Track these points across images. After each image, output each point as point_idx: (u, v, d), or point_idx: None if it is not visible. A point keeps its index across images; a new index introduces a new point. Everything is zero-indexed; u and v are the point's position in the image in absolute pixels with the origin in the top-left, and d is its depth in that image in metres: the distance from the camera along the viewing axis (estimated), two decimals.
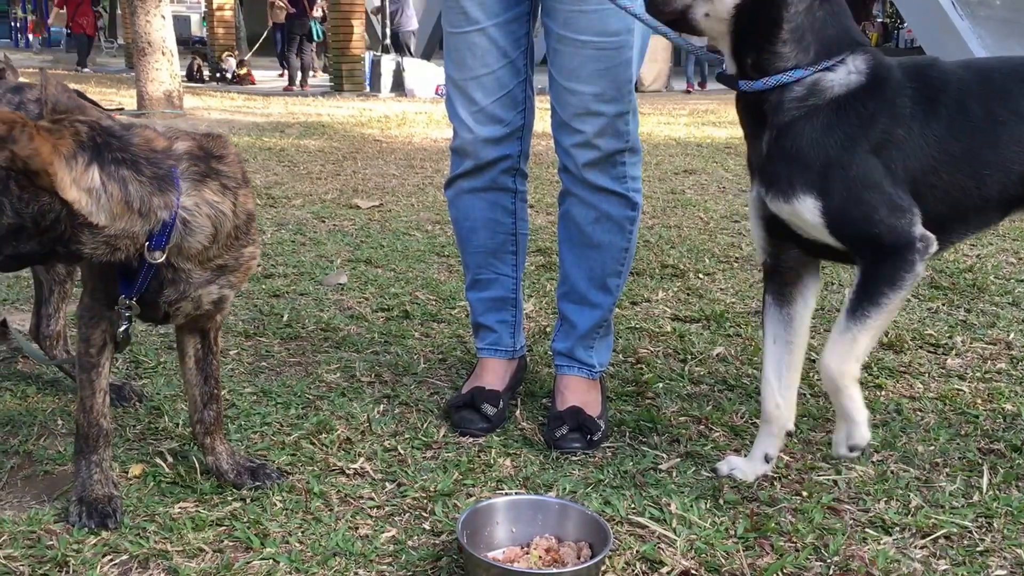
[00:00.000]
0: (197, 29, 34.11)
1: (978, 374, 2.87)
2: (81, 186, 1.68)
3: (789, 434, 2.25)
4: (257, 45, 19.60)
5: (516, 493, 2.10)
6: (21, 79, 2.61)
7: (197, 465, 2.17)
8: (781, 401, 2.17)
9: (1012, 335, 3.21)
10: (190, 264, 1.88)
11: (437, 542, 1.91)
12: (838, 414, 2.04)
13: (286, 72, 17.90)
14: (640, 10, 2.11)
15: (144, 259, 1.81)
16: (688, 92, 17.62)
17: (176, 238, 1.81)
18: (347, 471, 2.19)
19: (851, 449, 2.02)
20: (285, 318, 3.34)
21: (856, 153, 1.89)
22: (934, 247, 1.92)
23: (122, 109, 4.15)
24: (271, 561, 1.82)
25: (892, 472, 2.21)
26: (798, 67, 1.90)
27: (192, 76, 18.67)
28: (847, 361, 1.96)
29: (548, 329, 3.25)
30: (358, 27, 17.22)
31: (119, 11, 35.09)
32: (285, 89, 16.97)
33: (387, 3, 16.86)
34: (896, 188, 1.91)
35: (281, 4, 17.11)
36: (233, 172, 1.91)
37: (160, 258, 1.81)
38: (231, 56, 19.28)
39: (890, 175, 1.91)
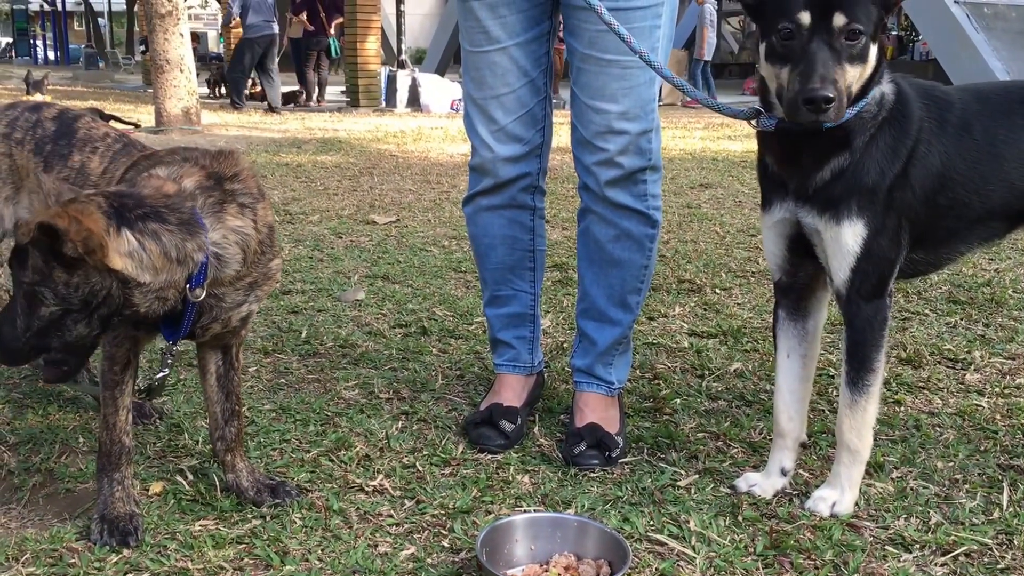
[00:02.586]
0: (214, 45, 34.36)
1: (997, 389, 2.86)
2: (122, 252, 1.71)
3: (804, 446, 2.25)
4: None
5: (535, 510, 2.10)
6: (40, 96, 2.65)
7: (217, 483, 2.18)
8: (794, 414, 2.19)
9: None
10: (225, 288, 1.92)
11: (456, 559, 1.91)
12: (835, 478, 2.10)
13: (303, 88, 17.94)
14: (663, 68, 2.19)
15: (187, 300, 1.84)
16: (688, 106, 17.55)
17: (212, 272, 1.85)
18: (366, 488, 2.20)
19: (833, 516, 2.07)
20: (303, 335, 3.36)
21: (897, 177, 1.94)
22: (892, 299, 2.05)
23: (139, 126, 4.16)
24: None
25: (912, 488, 2.20)
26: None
27: (210, 92, 18.77)
28: (864, 434, 2.07)
29: (565, 345, 3.26)
30: (374, 43, 17.30)
31: (136, 28, 35.51)
32: (302, 104, 17.04)
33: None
34: (904, 234, 1.98)
35: (300, 20, 17.18)
36: (248, 188, 1.93)
37: (201, 295, 1.85)
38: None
39: (911, 204, 1.97)
